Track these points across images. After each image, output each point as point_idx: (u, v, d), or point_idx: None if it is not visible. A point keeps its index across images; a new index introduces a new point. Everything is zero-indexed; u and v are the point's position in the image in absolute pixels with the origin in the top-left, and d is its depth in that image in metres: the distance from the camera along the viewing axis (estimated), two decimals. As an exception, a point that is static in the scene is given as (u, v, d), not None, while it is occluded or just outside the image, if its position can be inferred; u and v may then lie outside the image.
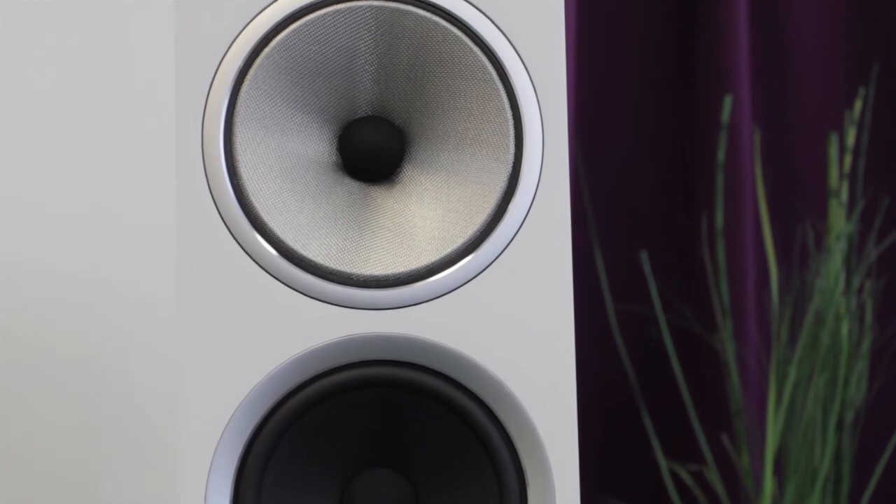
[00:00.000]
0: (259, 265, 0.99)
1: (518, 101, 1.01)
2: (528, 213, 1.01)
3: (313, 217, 1.00)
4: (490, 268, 1.00)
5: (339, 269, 0.99)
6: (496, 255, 1.00)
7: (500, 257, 1.00)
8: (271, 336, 0.99)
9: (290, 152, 1.01)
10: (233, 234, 1.00)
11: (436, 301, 1.00)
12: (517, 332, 1.00)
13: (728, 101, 1.65)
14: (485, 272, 1.00)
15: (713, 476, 1.64)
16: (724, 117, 1.65)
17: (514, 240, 1.00)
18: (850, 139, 1.65)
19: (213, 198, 1.00)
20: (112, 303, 1.57)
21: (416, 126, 1.02)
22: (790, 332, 1.62)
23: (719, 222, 1.64)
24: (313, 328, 0.99)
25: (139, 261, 1.57)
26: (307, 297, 0.99)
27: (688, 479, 1.66)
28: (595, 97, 1.74)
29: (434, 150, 1.02)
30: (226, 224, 1.00)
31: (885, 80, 1.75)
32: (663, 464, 1.65)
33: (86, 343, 1.56)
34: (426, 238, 1.00)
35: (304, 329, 0.99)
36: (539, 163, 1.01)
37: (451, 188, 1.01)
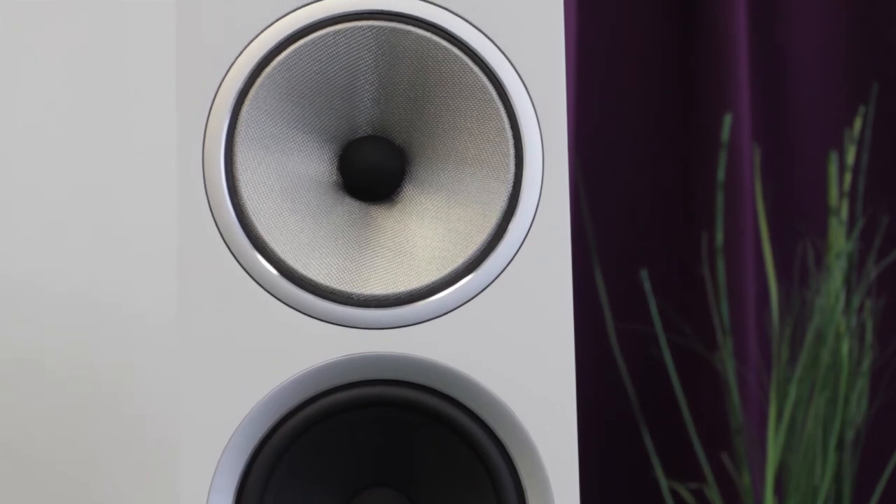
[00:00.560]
0: (259, 284, 0.99)
1: (518, 121, 1.01)
2: (529, 233, 1.01)
3: (314, 236, 1.00)
4: (490, 287, 1.00)
5: (339, 288, 0.99)
6: (496, 275, 1.00)
7: (501, 277, 1.00)
8: (272, 355, 0.99)
9: (290, 172, 1.01)
10: (233, 254, 1.00)
11: (436, 320, 1.00)
12: (517, 352, 1.00)
13: (728, 119, 1.65)
14: (485, 292, 1.00)
15: (713, 494, 1.64)
16: (724, 136, 1.65)
17: (515, 259, 1.00)
18: (850, 157, 1.65)
19: (213, 217, 1.00)
20: (113, 322, 1.57)
21: (417, 145, 1.03)
22: (790, 351, 1.62)
23: (719, 240, 1.64)
24: (314, 347, 0.99)
25: (140, 279, 1.57)
26: (308, 316, 0.99)
27: (688, 497, 1.66)
28: (595, 115, 1.75)
29: (434, 169, 1.02)
30: (226, 243, 1.00)
31: (886, 99, 1.75)
32: (664, 482, 1.65)
33: (87, 362, 1.56)
34: (427, 258, 1.00)
35: (305, 348, 0.99)
36: (539, 182, 1.01)
37: (451, 208, 1.01)
